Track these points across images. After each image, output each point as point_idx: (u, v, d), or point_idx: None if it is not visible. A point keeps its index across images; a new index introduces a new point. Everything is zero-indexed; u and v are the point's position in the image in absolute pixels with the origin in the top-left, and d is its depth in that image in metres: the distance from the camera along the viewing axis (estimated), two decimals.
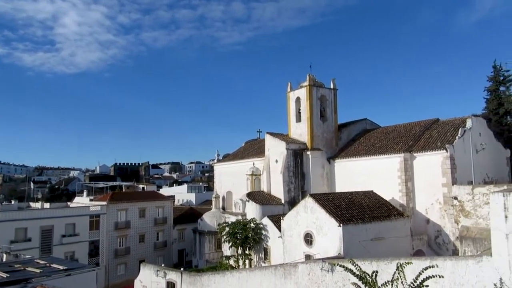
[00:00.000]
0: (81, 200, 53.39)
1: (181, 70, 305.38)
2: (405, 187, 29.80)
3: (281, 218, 29.43)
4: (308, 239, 26.07)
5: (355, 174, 34.47)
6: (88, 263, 39.59)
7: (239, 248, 33.21)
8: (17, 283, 15.41)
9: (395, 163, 30.65)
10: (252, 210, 34.89)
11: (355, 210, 25.94)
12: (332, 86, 39.77)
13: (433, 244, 28.21)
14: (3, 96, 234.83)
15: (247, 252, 33.16)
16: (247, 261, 33.07)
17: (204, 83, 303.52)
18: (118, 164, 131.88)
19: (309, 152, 36.79)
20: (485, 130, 31.22)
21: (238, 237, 32.79)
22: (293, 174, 36.40)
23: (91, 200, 52.62)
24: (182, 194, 75.93)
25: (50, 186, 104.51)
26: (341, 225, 23.48)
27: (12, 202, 50.50)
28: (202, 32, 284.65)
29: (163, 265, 34.23)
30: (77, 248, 41.65)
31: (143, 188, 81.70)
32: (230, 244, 33.79)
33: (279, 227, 29.82)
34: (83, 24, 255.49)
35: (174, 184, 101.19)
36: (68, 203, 53.60)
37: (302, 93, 38.31)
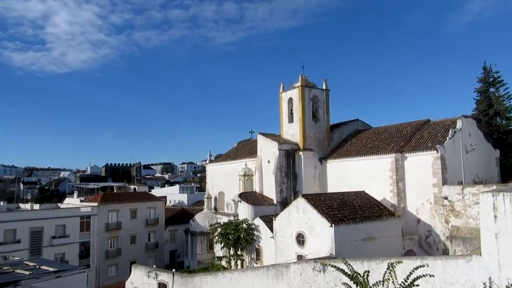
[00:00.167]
0: (72, 201, 52.91)
1: (173, 70, 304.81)
2: (396, 187, 29.99)
3: (273, 218, 29.47)
4: (300, 239, 26.13)
5: (347, 175, 34.63)
6: (79, 265, 39.22)
7: (231, 248, 33.15)
8: (5, 286, 15.22)
9: (387, 163, 30.84)
10: (244, 211, 34.86)
11: (347, 210, 26.08)
12: (324, 87, 39.92)
13: (424, 243, 28.45)
14: None
15: (239, 252, 33.11)
16: (239, 262, 33.03)
17: (196, 83, 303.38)
18: (110, 165, 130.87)
19: (301, 153, 36.87)
20: (475, 131, 31.60)
21: (230, 237, 32.75)
22: (285, 175, 36.46)
23: (81, 201, 52.17)
24: (174, 195, 75.60)
25: (40, 187, 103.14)
26: (333, 225, 23.59)
27: (1, 203, 49.84)
28: (194, 32, 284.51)
29: (154, 266, 34.00)
30: (68, 250, 41.22)
31: (135, 188, 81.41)
32: (222, 244, 33.73)
33: (271, 228, 29.84)
34: (74, 24, 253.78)
35: (166, 185, 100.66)
36: (59, 204, 53.14)
37: (295, 93, 38.40)
